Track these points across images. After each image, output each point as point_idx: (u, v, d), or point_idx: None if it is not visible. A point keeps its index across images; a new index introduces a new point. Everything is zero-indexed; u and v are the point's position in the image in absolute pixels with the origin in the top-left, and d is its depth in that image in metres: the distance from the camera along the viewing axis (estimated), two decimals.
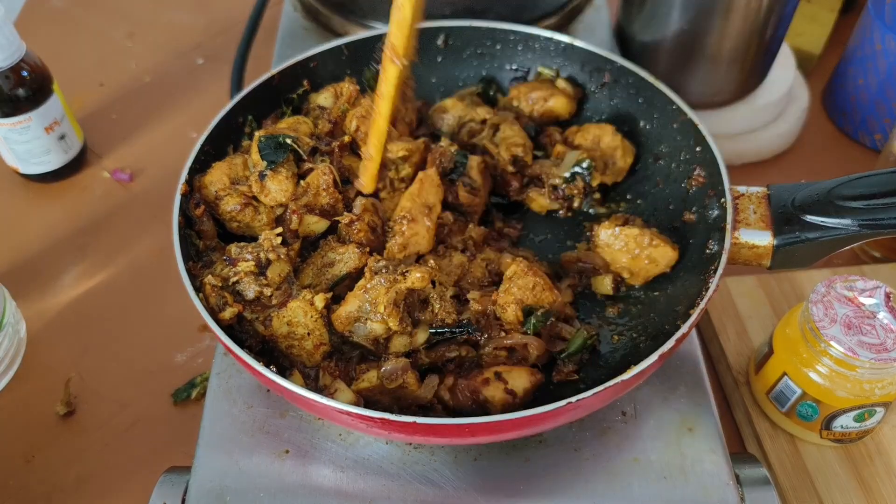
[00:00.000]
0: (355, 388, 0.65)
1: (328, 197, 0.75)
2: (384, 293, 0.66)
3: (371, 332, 0.67)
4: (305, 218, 0.74)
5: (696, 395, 0.72)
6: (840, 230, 0.66)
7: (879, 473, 0.75)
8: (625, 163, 0.83)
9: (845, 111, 1.12)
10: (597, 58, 0.87)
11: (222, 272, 0.68)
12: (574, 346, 0.70)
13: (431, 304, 0.69)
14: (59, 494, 0.77)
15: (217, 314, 0.66)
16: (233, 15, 1.30)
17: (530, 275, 0.70)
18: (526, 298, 0.70)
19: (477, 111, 0.86)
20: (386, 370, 0.65)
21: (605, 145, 0.82)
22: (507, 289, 0.70)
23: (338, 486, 0.67)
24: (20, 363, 0.86)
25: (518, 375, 0.66)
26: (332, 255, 0.72)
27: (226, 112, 0.79)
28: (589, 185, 0.80)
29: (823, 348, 0.70)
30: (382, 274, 0.67)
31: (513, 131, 0.83)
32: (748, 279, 0.90)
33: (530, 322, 0.69)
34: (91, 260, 0.97)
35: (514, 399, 0.65)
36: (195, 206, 0.74)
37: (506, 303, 0.69)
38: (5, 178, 1.05)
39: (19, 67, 0.94)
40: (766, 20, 0.94)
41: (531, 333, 0.69)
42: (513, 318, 0.69)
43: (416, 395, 0.65)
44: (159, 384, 0.84)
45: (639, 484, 0.67)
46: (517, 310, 0.69)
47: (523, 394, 0.66)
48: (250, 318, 0.68)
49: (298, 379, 0.66)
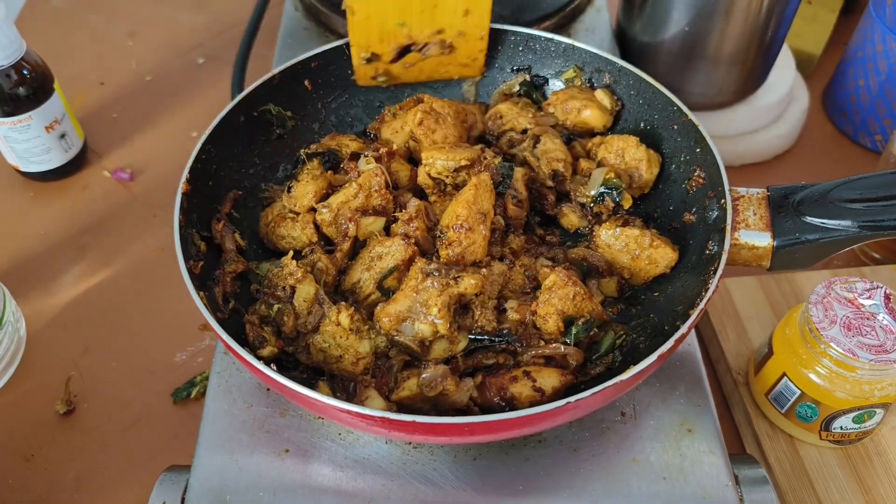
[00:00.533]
0: (395, 398, 0.66)
1: (380, 198, 0.76)
2: (437, 295, 0.67)
3: (418, 333, 0.67)
4: (362, 221, 0.75)
5: (696, 395, 0.72)
6: (840, 231, 0.66)
7: (878, 475, 0.75)
8: (651, 174, 0.80)
9: (845, 112, 1.12)
10: (597, 59, 0.87)
11: (259, 309, 0.71)
12: (604, 347, 0.70)
13: (472, 311, 0.69)
14: (58, 493, 0.77)
15: (255, 351, 0.68)
16: (234, 15, 1.30)
17: (570, 285, 0.69)
18: (567, 309, 0.69)
19: (518, 120, 0.85)
20: (425, 377, 0.65)
21: (629, 158, 0.80)
22: (547, 299, 0.69)
23: (337, 485, 0.67)
24: (20, 362, 0.86)
25: (548, 374, 0.66)
26: (380, 248, 0.73)
27: (227, 112, 0.79)
28: (619, 204, 0.78)
29: (823, 349, 0.70)
30: (434, 277, 0.68)
31: (554, 145, 0.81)
32: (748, 280, 0.90)
33: (571, 333, 0.69)
34: (91, 259, 0.97)
35: (541, 397, 0.65)
36: (216, 222, 0.76)
37: (546, 314, 0.69)
38: (6, 177, 1.05)
39: (20, 66, 0.94)
40: (766, 21, 0.94)
41: (572, 343, 0.69)
42: (553, 328, 0.69)
43: (453, 400, 0.66)
44: (159, 383, 0.85)
45: (638, 484, 0.67)
46: (558, 320, 0.69)
47: (552, 392, 0.65)
48: (290, 350, 0.70)
49: (325, 389, 0.66)
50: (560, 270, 0.70)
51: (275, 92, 0.84)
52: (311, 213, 0.78)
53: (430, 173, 0.78)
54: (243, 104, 0.81)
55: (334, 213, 0.76)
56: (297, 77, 0.85)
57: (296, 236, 0.77)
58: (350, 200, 0.76)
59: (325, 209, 0.76)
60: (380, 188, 0.76)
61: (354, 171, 0.79)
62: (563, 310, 0.69)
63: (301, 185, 0.78)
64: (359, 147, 0.83)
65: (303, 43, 1.06)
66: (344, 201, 0.76)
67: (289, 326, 0.70)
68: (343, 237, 0.75)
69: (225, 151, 0.80)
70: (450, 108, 0.83)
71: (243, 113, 0.81)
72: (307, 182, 0.78)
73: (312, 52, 0.85)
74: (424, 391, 0.65)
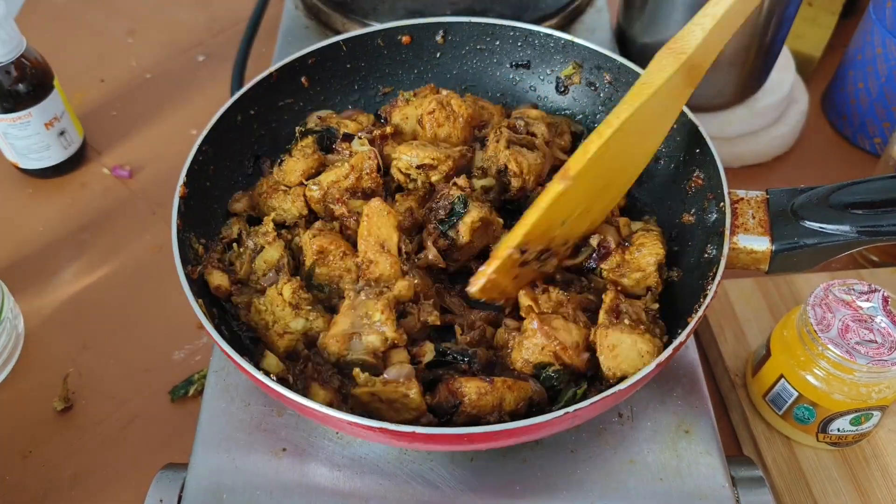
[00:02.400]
0: (356, 392, 0.64)
1: (371, 181, 0.76)
2: (375, 303, 0.67)
3: (368, 346, 0.66)
4: (350, 202, 0.76)
5: (693, 397, 0.72)
6: (838, 236, 0.66)
7: (875, 477, 0.75)
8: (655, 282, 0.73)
9: (845, 115, 1.12)
10: (596, 55, 0.86)
11: (226, 254, 0.75)
12: (563, 399, 0.66)
13: (412, 313, 0.70)
14: (55, 490, 0.77)
15: (206, 275, 0.71)
16: (234, 13, 1.30)
17: (541, 336, 0.65)
18: (535, 359, 0.66)
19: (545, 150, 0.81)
20: (391, 373, 0.64)
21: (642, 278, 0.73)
22: (520, 342, 0.67)
23: (334, 484, 0.67)
24: (18, 358, 0.86)
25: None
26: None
27: (225, 110, 0.79)
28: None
29: (821, 351, 0.70)
30: (365, 291, 0.68)
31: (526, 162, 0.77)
32: (746, 282, 0.90)
33: (541, 375, 0.66)
34: (90, 256, 0.97)
35: (491, 385, 0.63)
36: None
37: (516, 359, 0.67)
38: (5, 174, 1.05)
39: (20, 63, 0.94)
40: (766, 23, 0.94)
41: (540, 383, 0.66)
42: (522, 369, 0.67)
43: (414, 406, 0.64)
44: (157, 381, 0.85)
45: (635, 486, 0.67)
46: (527, 365, 0.66)
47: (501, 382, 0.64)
48: (236, 301, 0.71)
49: (321, 396, 0.64)
50: (535, 317, 0.66)
51: (273, 90, 0.84)
52: (301, 188, 0.78)
53: (400, 168, 0.78)
54: (241, 102, 0.81)
55: (324, 190, 0.76)
56: (294, 74, 0.85)
57: (286, 208, 0.78)
58: (340, 180, 0.76)
59: (314, 186, 0.77)
60: (371, 171, 0.76)
61: (347, 150, 0.79)
62: (530, 360, 0.66)
63: (292, 161, 0.79)
64: (356, 129, 0.82)
65: (303, 41, 1.05)
66: (335, 180, 0.76)
67: (241, 271, 0.73)
68: (330, 217, 0.76)
69: (223, 151, 0.79)
70: (467, 110, 0.82)
71: (241, 111, 0.81)
72: (298, 159, 0.79)
73: (309, 49, 0.85)
74: (386, 389, 0.63)
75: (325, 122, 0.84)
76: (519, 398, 0.64)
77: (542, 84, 0.91)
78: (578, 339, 0.66)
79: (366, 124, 0.85)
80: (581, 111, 0.90)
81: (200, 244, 0.74)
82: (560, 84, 0.90)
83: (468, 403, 0.63)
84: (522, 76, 0.92)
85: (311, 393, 0.64)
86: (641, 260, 0.72)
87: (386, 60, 0.90)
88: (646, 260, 0.72)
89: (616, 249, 0.73)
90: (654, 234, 0.74)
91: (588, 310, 0.71)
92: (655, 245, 0.72)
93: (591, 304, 0.71)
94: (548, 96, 0.91)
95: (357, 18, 1.05)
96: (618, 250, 0.73)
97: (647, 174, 0.83)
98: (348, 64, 0.88)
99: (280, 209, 0.78)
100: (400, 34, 0.89)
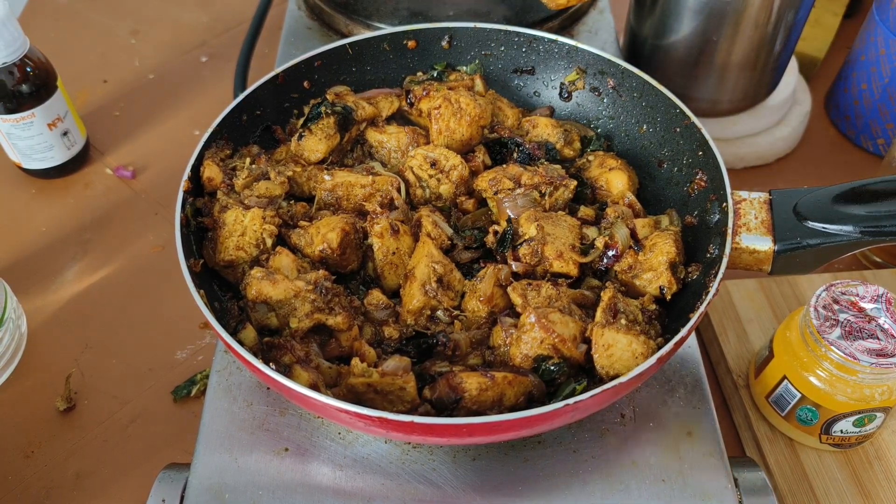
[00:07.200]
0: (348, 383, 0.64)
1: (377, 204, 0.78)
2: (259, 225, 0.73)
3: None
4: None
5: (696, 398, 0.72)
6: (841, 237, 0.66)
7: (878, 479, 0.75)
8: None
9: (848, 116, 1.12)
10: (601, 61, 0.86)
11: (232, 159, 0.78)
12: (562, 394, 0.66)
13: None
14: (58, 490, 0.77)
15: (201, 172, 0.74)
16: (237, 13, 1.30)
17: (540, 329, 0.65)
18: (534, 353, 0.66)
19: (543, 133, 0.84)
20: (389, 366, 0.64)
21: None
22: (518, 337, 0.67)
23: (336, 484, 0.67)
24: (21, 358, 0.86)
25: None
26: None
27: (229, 110, 0.79)
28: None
29: (824, 352, 0.70)
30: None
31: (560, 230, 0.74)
32: (749, 282, 0.90)
33: (540, 368, 0.66)
34: (92, 256, 0.97)
35: (492, 381, 0.63)
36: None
37: (515, 354, 0.67)
38: (8, 174, 1.05)
39: (23, 63, 0.94)
40: (775, 30, 0.93)
41: (539, 377, 0.66)
42: (522, 363, 0.67)
43: (409, 398, 0.64)
44: (159, 381, 0.85)
45: (637, 486, 0.67)
46: (527, 360, 0.66)
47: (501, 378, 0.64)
48: (220, 198, 0.75)
49: (249, 333, 0.67)
50: (532, 311, 0.66)
51: (279, 91, 0.84)
52: (319, 168, 0.79)
53: (413, 167, 0.78)
54: (247, 102, 0.81)
55: (333, 184, 0.76)
56: (299, 77, 0.85)
57: (311, 186, 0.79)
58: (356, 187, 0.76)
59: (328, 176, 0.77)
60: (384, 198, 0.76)
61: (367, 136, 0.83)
62: (530, 354, 0.66)
63: (314, 139, 0.79)
64: (372, 113, 0.83)
65: (306, 42, 1.06)
66: (352, 182, 0.76)
67: (242, 180, 0.76)
68: (332, 206, 0.78)
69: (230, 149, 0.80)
70: (475, 110, 0.81)
71: (247, 111, 0.81)
72: (320, 139, 0.78)
73: (316, 52, 0.85)
74: (384, 381, 0.63)
75: (342, 100, 0.82)
76: (519, 393, 0.64)
77: (545, 90, 0.91)
78: (575, 332, 0.66)
79: (386, 111, 0.85)
80: (584, 117, 0.90)
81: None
82: (564, 90, 0.90)
83: (469, 399, 0.63)
84: (527, 82, 0.92)
85: (293, 375, 0.64)
86: (653, 259, 0.72)
87: (392, 65, 0.90)
88: (657, 259, 0.71)
89: (628, 251, 0.73)
90: (668, 234, 0.73)
91: (583, 305, 0.71)
92: (667, 244, 0.72)
93: (586, 301, 0.71)
94: (552, 102, 0.91)
95: (360, 19, 1.05)
96: (630, 252, 0.73)
97: (648, 177, 0.83)
98: (354, 67, 0.88)
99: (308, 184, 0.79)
100: (406, 39, 0.89)
